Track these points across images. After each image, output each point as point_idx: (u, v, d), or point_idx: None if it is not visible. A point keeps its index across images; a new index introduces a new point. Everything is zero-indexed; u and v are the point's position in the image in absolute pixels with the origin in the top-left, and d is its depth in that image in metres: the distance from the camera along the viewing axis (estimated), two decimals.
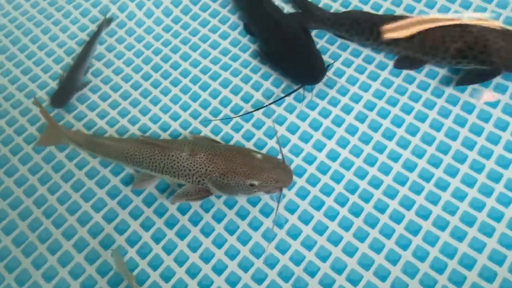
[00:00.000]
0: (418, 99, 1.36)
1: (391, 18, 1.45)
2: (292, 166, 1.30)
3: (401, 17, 1.44)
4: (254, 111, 1.39)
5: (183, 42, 1.59)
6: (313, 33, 1.53)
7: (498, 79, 1.34)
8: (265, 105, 1.39)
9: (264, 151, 1.33)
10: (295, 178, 1.28)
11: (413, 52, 1.38)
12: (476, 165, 1.25)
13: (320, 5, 1.59)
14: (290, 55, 1.40)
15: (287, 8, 1.60)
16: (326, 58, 1.47)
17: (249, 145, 1.35)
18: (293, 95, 1.40)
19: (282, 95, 1.41)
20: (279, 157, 1.22)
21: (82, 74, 1.52)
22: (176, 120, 1.43)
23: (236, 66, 1.51)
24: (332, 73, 1.44)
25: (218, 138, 1.37)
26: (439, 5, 1.53)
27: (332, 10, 1.57)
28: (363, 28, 1.44)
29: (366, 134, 1.33)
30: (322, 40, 1.52)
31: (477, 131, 1.29)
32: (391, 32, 1.40)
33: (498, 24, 1.38)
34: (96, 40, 1.59)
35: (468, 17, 1.47)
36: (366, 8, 1.56)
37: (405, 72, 1.41)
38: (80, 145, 1.35)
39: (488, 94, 1.34)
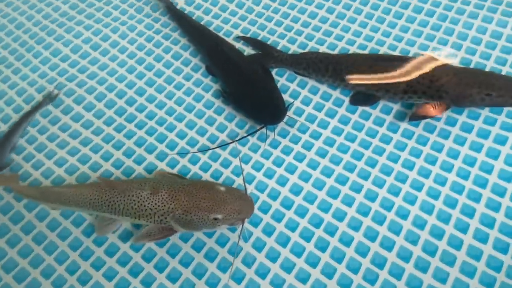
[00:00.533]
0: (375, 135, 1.42)
1: (345, 56, 1.53)
2: (258, 203, 1.30)
3: (355, 55, 1.52)
4: (216, 147, 1.41)
5: (148, 84, 1.60)
6: (274, 71, 1.58)
7: (448, 113, 1.41)
8: (229, 142, 1.41)
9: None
10: (261, 215, 1.28)
11: (367, 88, 1.45)
12: (432, 192, 1.29)
13: (279, 47, 1.65)
14: (252, 96, 1.44)
15: (248, 50, 1.66)
16: (286, 96, 1.52)
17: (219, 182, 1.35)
18: (257, 135, 1.43)
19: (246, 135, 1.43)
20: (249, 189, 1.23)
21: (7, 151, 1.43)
22: (140, 164, 1.41)
23: (200, 107, 1.53)
24: (293, 112, 1.48)
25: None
26: (387, 44, 1.62)
27: (290, 52, 1.64)
28: (319, 67, 1.50)
29: (327, 168, 1.36)
30: (282, 78, 1.58)
31: (431, 161, 1.34)
32: (345, 69, 1.46)
33: (446, 61, 1.47)
34: (30, 117, 1.49)
35: (417, 54, 1.56)
36: (322, 49, 1.64)
37: (360, 108, 1.47)
38: (34, 198, 1.29)
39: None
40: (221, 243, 1.24)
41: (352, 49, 1.62)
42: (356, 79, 1.45)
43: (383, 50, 1.61)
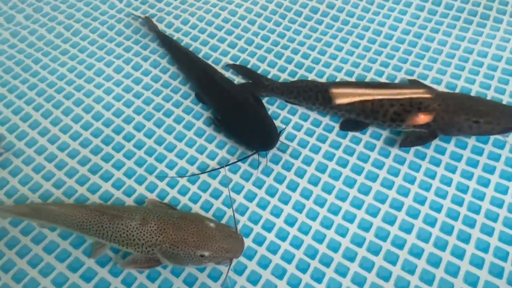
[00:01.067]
0: (366, 159, 1.41)
1: (334, 84, 1.53)
2: (252, 235, 1.27)
3: (344, 83, 1.53)
4: (202, 173, 1.39)
5: (136, 112, 1.57)
6: (265, 100, 1.57)
7: (437, 141, 1.42)
8: (219, 167, 1.39)
9: (224, 219, 1.30)
10: (256, 247, 1.24)
11: (356, 116, 1.44)
12: (428, 219, 1.28)
13: (269, 76, 1.65)
14: (243, 122, 1.42)
15: (238, 79, 1.65)
16: (278, 123, 1.50)
17: (209, 214, 1.31)
18: (248, 161, 1.40)
19: (238, 162, 1.40)
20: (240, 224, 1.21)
21: None
22: (130, 196, 1.36)
23: (191, 136, 1.50)
24: (284, 137, 1.47)
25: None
26: (374, 70, 1.63)
27: (280, 80, 1.63)
28: (310, 95, 1.50)
29: (320, 197, 1.33)
30: (273, 106, 1.56)
31: (426, 187, 1.34)
32: (335, 97, 1.46)
33: (433, 88, 1.49)
34: None
35: (404, 81, 1.58)
36: (311, 77, 1.64)
37: (351, 133, 1.47)
38: (24, 215, 1.25)
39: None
40: (213, 277, 1.20)
41: (340, 75, 1.63)
42: (345, 106, 1.44)
43: (369, 76, 1.62)
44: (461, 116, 1.31)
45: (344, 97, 1.45)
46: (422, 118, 1.34)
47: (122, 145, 1.48)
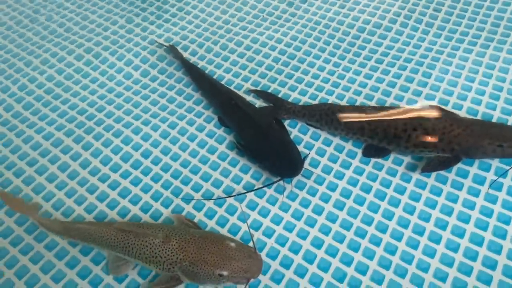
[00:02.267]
0: (389, 185, 1.44)
1: (357, 108, 1.56)
2: (279, 257, 1.30)
3: (367, 108, 1.55)
4: (228, 197, 1.42)
5: (163, 136, 1.62)
6: (286, 122, 1.62)
7: (459, 164, 1.44)
8: (244, 192, 1.43)
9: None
10: (283, 270, 1.27)
11: (378, 142, 1.48)
12: (451, 244, 1.30)
13: (290, 99, 1.70)
14: (268, 148, 1.45)
15: (259, 103, 1.70)
16: (301, 148, 1.54)
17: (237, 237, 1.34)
18: (273, 187, 1.44)
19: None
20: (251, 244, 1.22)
21: None
22: (157, 219, 1.40)
23: (215, 159, 1.54)
24: (308, 163, 1.50)
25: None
26: (394, 94, 1.68)
27: (301, 103, 1.68)
28: (332, 119, 1.53)
29: (346, 221, 1.36)
30: (294, 129, 1.61)
31: (447, 212, 1.36)
32: (358, 122, 1.50)
33: (454, 112, 1.51)
34: None
35: (424, 106, 1.61)
36: (332, 99, 1.68)
37: (373, 159, 1.50)
38: (56, 232, 1.33)
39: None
40: None
41: (359, 99, 1.68)
42: (367, 132, 1.48)
43: (389, 100, 1.66)
44: (485, 140, 1.34)
45: (366, 122, 1.48)
46: (447, 143, 1.37)
47: (150, 168, 1.53)
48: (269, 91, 1.74)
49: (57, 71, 1.86)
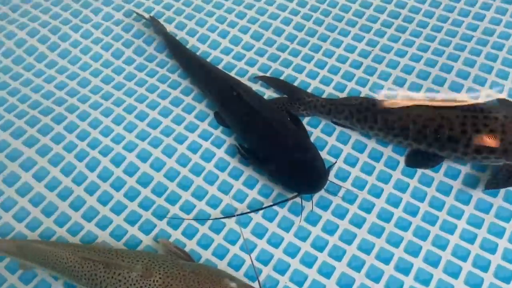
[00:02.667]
0: (441, 206, 1.43)
1: (399, 103, 1.55)
2: None
3: (413, 102, 1.53)
4: (227, 217, 1.43)
5: (140, 138, 1.63)
6: (305, 120, 1.62)
7: None
8: (249, 211, 1.43)
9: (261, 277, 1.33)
10: None
11: (427, 146, 1.47)
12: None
13: (309, 89, 1.70)
14: (281, 155, 1.45)
15: (268, 94, 1.70)
16: (324, 154, 1.54)
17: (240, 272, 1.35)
18: (287, 205, 1.44)
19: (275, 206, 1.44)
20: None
21: None
22: (149, 233, 1.43)
23: (210, 169, 1.55)
24: (334, 175, 1.50)
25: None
26: (448, 83, 1.67)
27: (324, 95, 1.68)
28: (366, 116, 1.53)
29: (384, 251, 1.36)
30: (316, 129, 1.61)
31: None
32: (399, 120, 1.49)
33: None
34: None
35: (490, 99, 1.60)
36: (365, 91, 1.68)
37: (419, 171, 1.49)
38: (8, 252, 1.35)
39: None
40: None
41: (402, 90, 1.67)
42: (412, 133, 1.47)
43: (442, 91, 1.66)
44: None
45: (410, 121, 1.48)
46: None
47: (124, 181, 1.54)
48: (282, 78, 1.74)
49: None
